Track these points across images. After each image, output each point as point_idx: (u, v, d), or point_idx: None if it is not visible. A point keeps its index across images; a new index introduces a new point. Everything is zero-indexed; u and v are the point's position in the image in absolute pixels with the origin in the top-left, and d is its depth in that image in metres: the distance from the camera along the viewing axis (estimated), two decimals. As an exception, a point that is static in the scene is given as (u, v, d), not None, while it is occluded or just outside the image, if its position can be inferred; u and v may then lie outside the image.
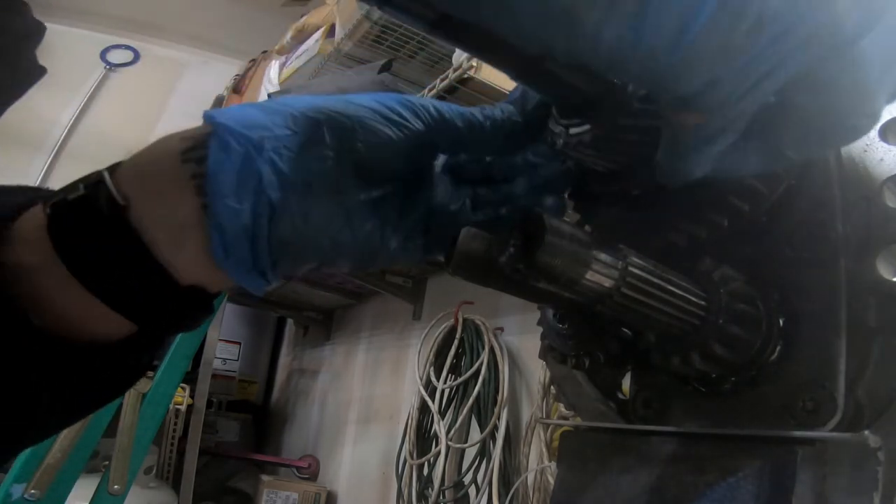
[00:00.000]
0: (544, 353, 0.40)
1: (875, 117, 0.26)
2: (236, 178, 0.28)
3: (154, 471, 2.24)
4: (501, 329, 1.64)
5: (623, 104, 0.30)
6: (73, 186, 0.29)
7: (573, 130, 0.32)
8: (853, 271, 0.31)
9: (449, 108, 0.34)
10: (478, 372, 1.55)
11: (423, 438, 1.65)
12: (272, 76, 1.98)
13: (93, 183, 0.28)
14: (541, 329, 0.41)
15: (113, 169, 0.29)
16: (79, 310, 0.29)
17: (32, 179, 2.67)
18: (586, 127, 0.31)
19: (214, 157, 0.28)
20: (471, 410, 1.53)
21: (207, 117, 0.30)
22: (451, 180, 0.37)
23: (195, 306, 0.31)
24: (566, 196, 0.38)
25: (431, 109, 0.34)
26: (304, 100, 0.31)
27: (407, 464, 1.65)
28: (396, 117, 0.32)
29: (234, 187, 0.28)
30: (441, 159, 0.37)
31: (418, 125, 0.33)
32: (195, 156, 0.29)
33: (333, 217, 0.31)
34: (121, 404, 1.36)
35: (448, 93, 1.26)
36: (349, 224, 0.32)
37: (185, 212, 0.28)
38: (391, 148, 0.32)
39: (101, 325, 0.30)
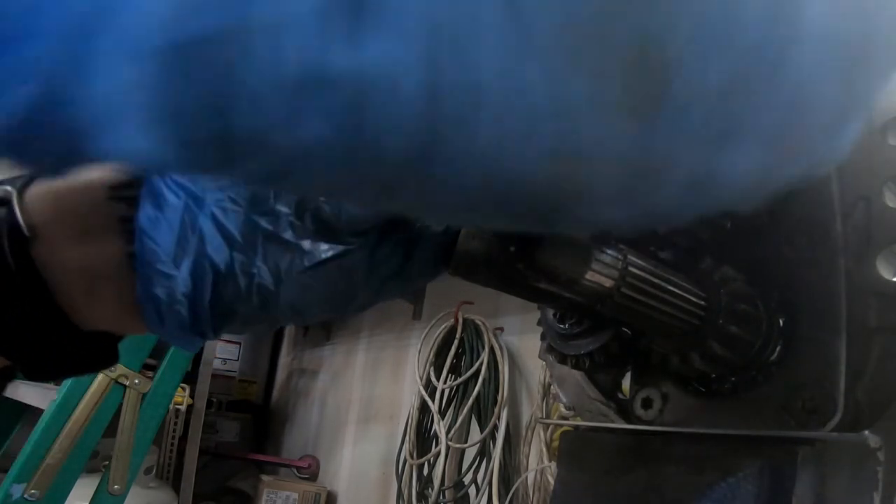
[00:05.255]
0: (544, 353, 0.40)
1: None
2: (173, 240, 0.23)
3: (154, 471, 2.23)
4: (501, 329, 1.64)
5: None
6: None
7: None
8: (853, 271, 0.31)
9: None
10: (478, 372, 1.54)
11: (423, 438, 1.65)
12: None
13: None
14: (541, 329, 0.40)
15: (25, 185, 0.23)
16: None
17: (32, 179, 2.66)
18: None
19: (146, 213, 0.23)
20: (471, 410, 1.53)
21: None
22: None
23: (96, 352, 0.25)
24: None
25: None
26: None
27: (407, 464, 1.65)
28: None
29: (171, 250, 0.23)
30: None
31: None
32: (127, 194, 0.24)
33: (289, 278, 0.25)
34: (121, 404, 1.36)
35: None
36: (308, 283, 0.26)
37: (105, 257, 0.23)
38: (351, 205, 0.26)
39: None
